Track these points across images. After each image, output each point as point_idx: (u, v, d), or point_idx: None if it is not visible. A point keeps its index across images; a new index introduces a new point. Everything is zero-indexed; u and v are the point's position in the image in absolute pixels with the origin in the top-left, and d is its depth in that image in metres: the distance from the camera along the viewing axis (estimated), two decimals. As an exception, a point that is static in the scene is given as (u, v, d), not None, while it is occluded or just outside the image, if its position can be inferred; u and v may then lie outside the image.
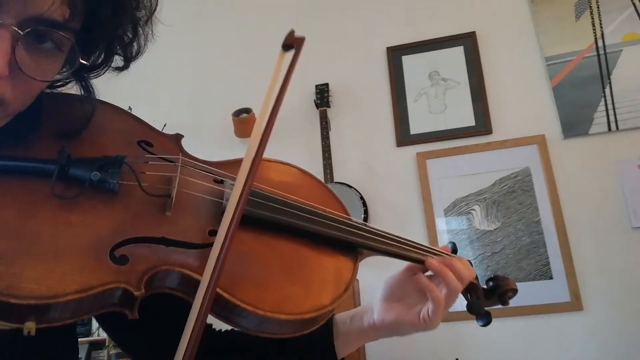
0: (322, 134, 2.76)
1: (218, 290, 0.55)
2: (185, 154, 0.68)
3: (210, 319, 0.87)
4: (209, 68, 3.20)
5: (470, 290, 0.80)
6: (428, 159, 2.71)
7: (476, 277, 0.80)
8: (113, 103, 0.69)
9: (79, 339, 2.54)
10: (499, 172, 2.61)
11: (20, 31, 0.48)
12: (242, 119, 2.86)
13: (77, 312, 0.50)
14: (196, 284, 0.54)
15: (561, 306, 2.37)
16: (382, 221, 2.63)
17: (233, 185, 0.61)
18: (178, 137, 0.70)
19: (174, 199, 0.58)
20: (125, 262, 0.52)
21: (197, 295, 0.51)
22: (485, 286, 0.82)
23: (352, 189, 2.67)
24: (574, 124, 2.59)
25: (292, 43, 0.62)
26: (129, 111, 0.72)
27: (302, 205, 0.68)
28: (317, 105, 2.85)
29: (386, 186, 2.72)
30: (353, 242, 0.69)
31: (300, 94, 2.97)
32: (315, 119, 2.83)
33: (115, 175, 0.55)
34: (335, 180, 2.67)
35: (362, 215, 2.62)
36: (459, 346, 2.39)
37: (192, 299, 0.55)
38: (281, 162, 0.77)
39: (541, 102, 2.68)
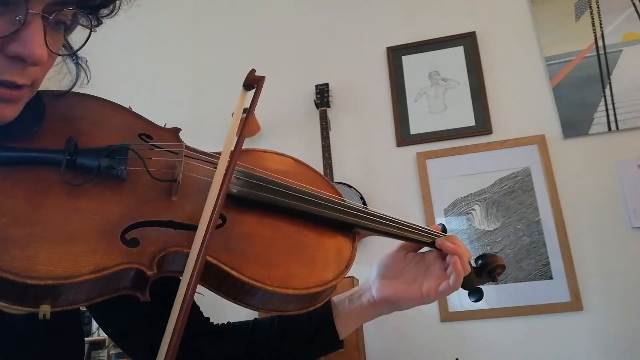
0: (322, 134, 2.75)
1: (226, 268, 0.58)
2: (188, 147, 0.70)
3: (215, 304, 0.87)
4: (209, 68, 3.20)
5: None
6: (428, 159, 2.71)
7: None
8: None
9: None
10: (499, 172, 2.60)
11: (48, 17, 0.52)
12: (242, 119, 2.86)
13: (91, 295, 0.51)
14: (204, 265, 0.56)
15: (561, 306, 2.37)
16: (382, 221, 2.63)
17: (236, 171, 0.65)
18: (176, 130, 0.72)
19: (179, 182, 0.61)
20: (136, 244, 0.54)
21: (187, 267, 0.53)
22: (475, 265, 0.84)
23: (352, 189, 2.67)
24: (574, 124, 2.59)
25: (253, 82, 0.66)
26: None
27: (301, 188, 0.71)
28: (317, 105, 2.85)
29: (386, 186, 2.72)
30: (350, 223, 0.73)
31: (300, 94, 2.97)
32: (315, 119, 2.83)
33: (122, 161, 0.58)
34: (335, 180, 2.67)
35: (362, 215, 2.62)
36: (459, 346, 2.39)
37: (199, 281, 0.57)
38: (275, 153, 0.81)
39: (541, 102, 2.68)
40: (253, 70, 0.67)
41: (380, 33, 2.99)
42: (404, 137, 2.78)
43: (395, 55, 2.94)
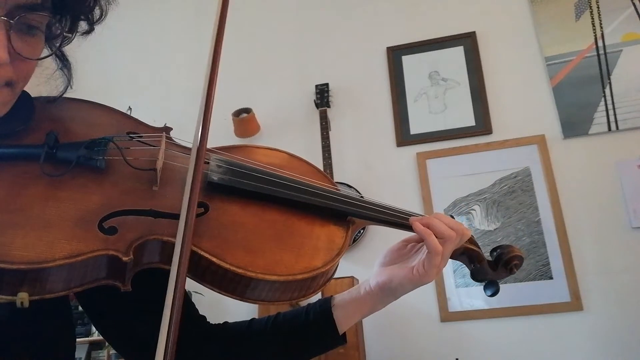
0: (322, 134, 2.75)
1: (208, 256, 0.57)
2: (170, 137, 0.70)
3: (205, 300, 0.86)
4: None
5: (472, 258, 0.80)
6: (428, 159, 2.71)
7: (476, 244, 0.80)
8: (112, 105, 0.72)
9: (79, 339, 2.53)
10: (499, 172, 2.60)
11: (10, 20, 0.53)
12: (242, 118, 2.86)
13: (70, 284, 0.51)
14: None
15: (561, 306, 2.37)
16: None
17: (217, 159, 0.66)
18: (166, 129, 0.72)
19: (159, 171, 0.61)
20: (114, 232, 0.54)
21: (174, 258, 0.52)
22: (490, 258, 0.81)
23: (352, 188, 2.67)
24: (574, 124, 2.59)
25: None
26: (129, 111, 0.73)
27: (287, 177, 0.70)
28: (317, 105, 2.85)
29: (386, 186, 2.72)
30: (342, 211, 0.71)
31: (300, 94, 2.97)
32: (315, 119, 2.83)
33: (101, 152, 0.59)
34: (335, 180, 2.66)
35: (362, 215, 2.62)
36: (459, 346, 2.39)
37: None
38: (269, 148, 0.80)
39: (541, 102, 2.68)
40: None
41: (380, 33, 2.99)
42: (404, 137, 2.78)
43: (395, 55, 2.94)
